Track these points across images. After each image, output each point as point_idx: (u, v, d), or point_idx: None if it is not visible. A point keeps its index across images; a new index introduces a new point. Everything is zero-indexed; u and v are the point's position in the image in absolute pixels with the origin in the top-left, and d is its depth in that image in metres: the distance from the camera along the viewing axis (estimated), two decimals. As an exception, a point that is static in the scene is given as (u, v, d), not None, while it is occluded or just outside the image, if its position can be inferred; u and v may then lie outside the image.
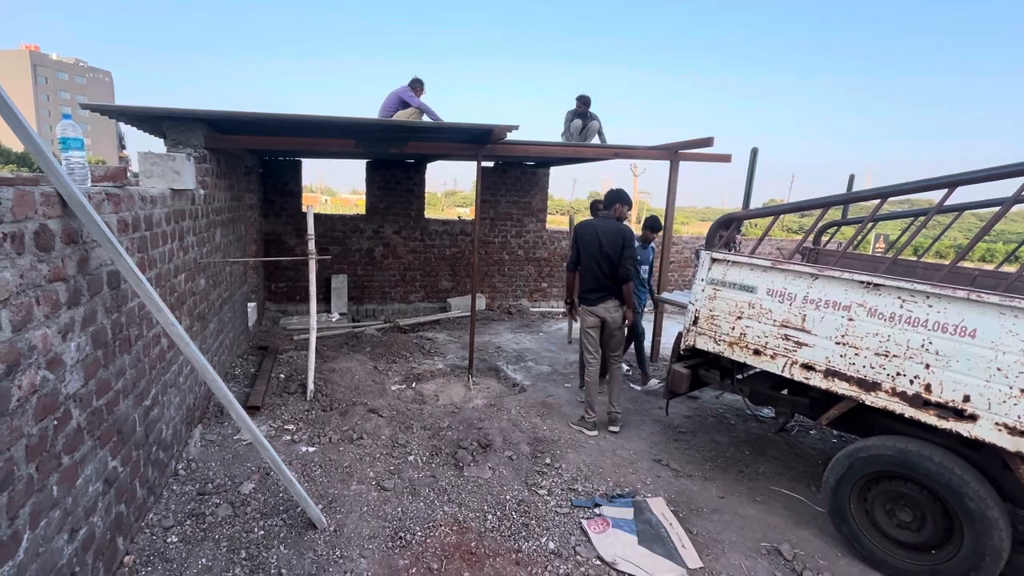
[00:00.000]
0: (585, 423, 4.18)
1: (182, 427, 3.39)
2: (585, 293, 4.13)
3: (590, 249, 4.03)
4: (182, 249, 3.50)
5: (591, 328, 4.15)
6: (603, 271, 4.00)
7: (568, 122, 7.13)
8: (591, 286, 4.07)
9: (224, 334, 4.84)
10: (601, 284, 4.03)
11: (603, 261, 3.99)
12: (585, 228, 4.11)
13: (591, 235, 4.03)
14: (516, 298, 9.05)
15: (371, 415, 4.24)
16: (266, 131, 4.76)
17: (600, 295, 4.05)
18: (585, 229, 4.10)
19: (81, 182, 2.21)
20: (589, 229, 4.07)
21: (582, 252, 4.09)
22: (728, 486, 3.52)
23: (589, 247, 4.03)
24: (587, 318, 4.14)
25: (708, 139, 5.32)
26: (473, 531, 2.89)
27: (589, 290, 4.09)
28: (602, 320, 4.10)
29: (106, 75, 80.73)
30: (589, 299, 4.09)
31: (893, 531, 2.77)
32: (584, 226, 4.13)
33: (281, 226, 7.68)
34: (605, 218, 4.15)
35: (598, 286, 4.04)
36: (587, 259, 4.05)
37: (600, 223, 4.09)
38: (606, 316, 4.07)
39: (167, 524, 2.72)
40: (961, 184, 2.52)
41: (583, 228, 4.13)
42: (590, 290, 4.09)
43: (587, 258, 4.05)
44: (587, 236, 4.05)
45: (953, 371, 2.45)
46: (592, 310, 4.09)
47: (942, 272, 2.70)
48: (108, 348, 2.29)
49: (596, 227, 4.05)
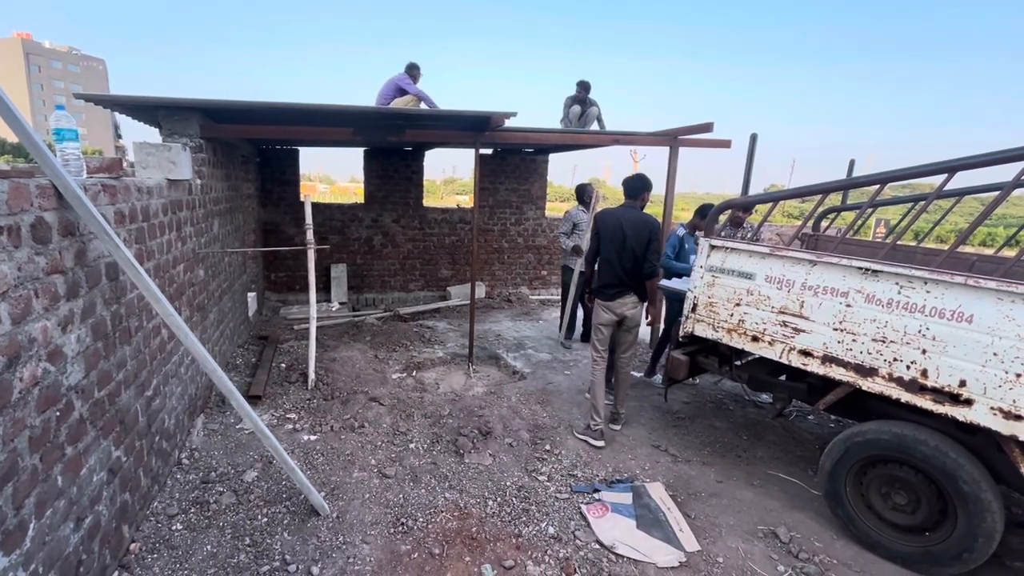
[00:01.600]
0: (591, 432, 3.85)
1: (184, 417, 3.42)
2: (602, 287, 3.86)
3: (613, 241, 3.76)
4: (180, 240, 3.49)
5: (603, 325, 3.89)
6: (624, 266, 3.75)
7: (567, 108, 7.07)
8: (609, 280, 3.81)
9: (224, 324, 4.86)
10: (620, 279, 3.77)
11: (626, 255, 3.73)
12: (608, 218, 3.84)
13: (614, 226, 3.77)
14: (516, 286, 9.06)
15: (372, 403, 4.27)
16: (263, 120, 4.72)
17: (618, 290, 3.79)
18: (608, 219, 3.83)
19: (76, 174, 2.20)
20: (612, 220, 3.81)
21: (603, 244, 3.82)
22: (726, 471, 3.56)
23: (612, 239, 3.77)
24: (601, 314, 3.87)
25: (708, 124, 5.28)
26: (474, 517, 2.93)
27: (606, 284, 3.83)
28: (619, 318, 3.87)
29: (100, 63, 79.92)
30: (606, 294, 3.83)
31: (888, 514, 2.81)
32: (607, 216, 3.86)
33: (280, 215, 7.65)
34: (629, 207, 3.86)
35: (617, 281, 3.78)
36: (608, 252, 3.79)
37: (624, 212, 3.82)
38: (624, 313, 3.83)
39: (172, 512, 2.75)
40: (961, 169, 2.50)
41: (606, 218, 3.86)
42: (607, 284, 3.82)
43: (608, 251, 3.79)
44: (610, 227, 3.79)
45: (950, 356, 2.46)
46: (608, 305, 3.83)
47: (940, 258, 2.70)
48: (108, 339, 2.30)
49: (620, 218, 3.78)
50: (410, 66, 6.58)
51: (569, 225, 5.92)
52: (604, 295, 3.85)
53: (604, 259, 3.83)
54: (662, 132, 5.69)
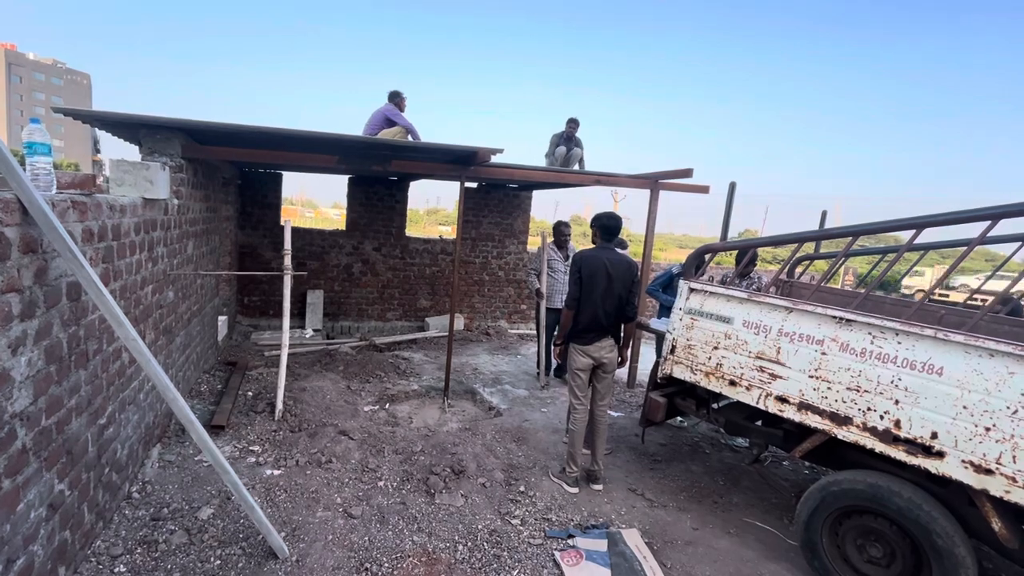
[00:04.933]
0: (567, 477, 3.72)
1: (139, 447, 3.22)
2: (580, 332, 3.67)
3: (597, 285, 3.58)
4: (151, 260, 3.38)
5: (581, 371, 3.69)
6: (606, 309, 3.60)
7: (554, 146, 7.22)
8: (588, 325, 3.63)
9: (191, 348, 4.67)
10: (599, 324, 3.61)
11: (609, 299, 3.59)
12: (591, 261, 3.63)
13: (598, 268, 3.58)
14: (495, 319, 9.01)
15: (341, 437, 4.11)
16: (248, 143, 4.69)
17: (596, 334, 3.63)
18: (590, 262, 3.62)
19: (46, 189, 2.12)
20: (595, 262, 3.61)
21: (585, 287, 3.61)
22: (702, 517, 3.49)
23: (596, 282, 3.58)
24: (579, 359, 3.68)
25: (688, 170, 5.44)
26: (443, 563, 2.79)
27: (585, 329, 3.64)
28: (596, 363, 3.68)
29: (84, 77, 79.27)
30: (585, 338, 3.65)
31: (864, 566, 2.78)
32: (590, 258, 3.64)
33: (258, 239, 7.53)
34: (607, 248, 3.70)
35: (597, 325, 3.62)
36: (591, 295, 3.59)
37: (607, 254, 3.64)
38: (602, 358, 3.65)
39: (115, 552, 2.55)
40: (928, 226, 2.60)
41: (588, 260, 3.64)
42: (587, 329, 3.64)
43: (591, 294, 3.59)
44: (593, 270, 3.59)
45: (921, 408, 2.49)
46: (586, 350, 3.65)
47: (911, 309, 2.77)
48: (63, 363, 2.17)
49: (603, 260, 3.60)
50: (393, 94, 6.56)
51: (540, 264, 5.94)
52: (582, 339, 3.66)
53: (585, 303, 3.63)
54: (643, 175, 5.84)
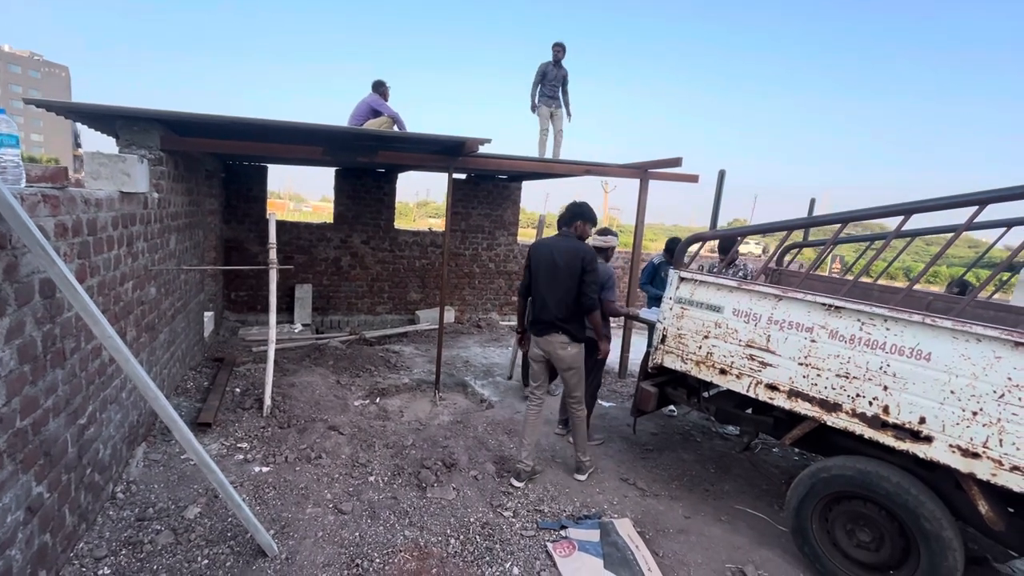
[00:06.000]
0: (514, 469, 3.63)
1: (123, 446, 3.16)
2: (532, 322, 3.60)
3: (543, 272, 3.47)
4: (131, 255, 3.30)
5: (533, 360, 3.65)
6: (555, 299, 3.42)
7: (541, 75, 7.10)
8: (537, 315, 3.53)
9: (176, 345, 4.59)
10: (549, 314, 3.45)
11: (557, 287, 3.41)
12: (539, 248, 3.57)
13: (546, 256, 3.47)
14: (486, 311, 8.97)
15: (331, 432, 4.07)
16: (229, 135, 4.58)
17: (544, 326, 3.50)
18: (539, 250, 3.55)
19: (14, 182, 2.04)
20: (543, 249, 3.52)
21: (533, 275, 3.53)
22: (694, 505, 3.51)
23: (542, 270, 3.47)
24: (532, 348, 3.66)
25: (676, 159, 5.42)
26: (435, 557, 2.78)
27: (535, 320, 3.56)
28: (547, 356, 3.58)
29: (63, 70, 77.48)
30: (535, 328, 3.57)
31: (853, 551, 2.80)
32: (539, 247, 3.58)
33: (243, 233, 7.40)
34: (563, 236, 3.56)
35: (545, 315, 3.48)
36: (538, 283, 3.50)
37: (556, 242, 3.51)
38: (551, 352, 3.51)
39: (99, 554, 2.50)
40: (916, 212, 2.60)
41: (537, 248, 3.58)
42: (536, 320, 3.55)
43: (538, 282, 3.50)
44: (542, 257, 3.49)
45: (910, 393, 2.51)
46: (536, 341, 3.58)
47: (899, 296, 2.78)
48: (38, 362, 2.10)
49: (551, 247, 3.49)
50: (377, 83, 6.47)
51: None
52: (534, 329, 3.59)
53: (535, 292, 3.54)
54: (633, 165, 5.81)
